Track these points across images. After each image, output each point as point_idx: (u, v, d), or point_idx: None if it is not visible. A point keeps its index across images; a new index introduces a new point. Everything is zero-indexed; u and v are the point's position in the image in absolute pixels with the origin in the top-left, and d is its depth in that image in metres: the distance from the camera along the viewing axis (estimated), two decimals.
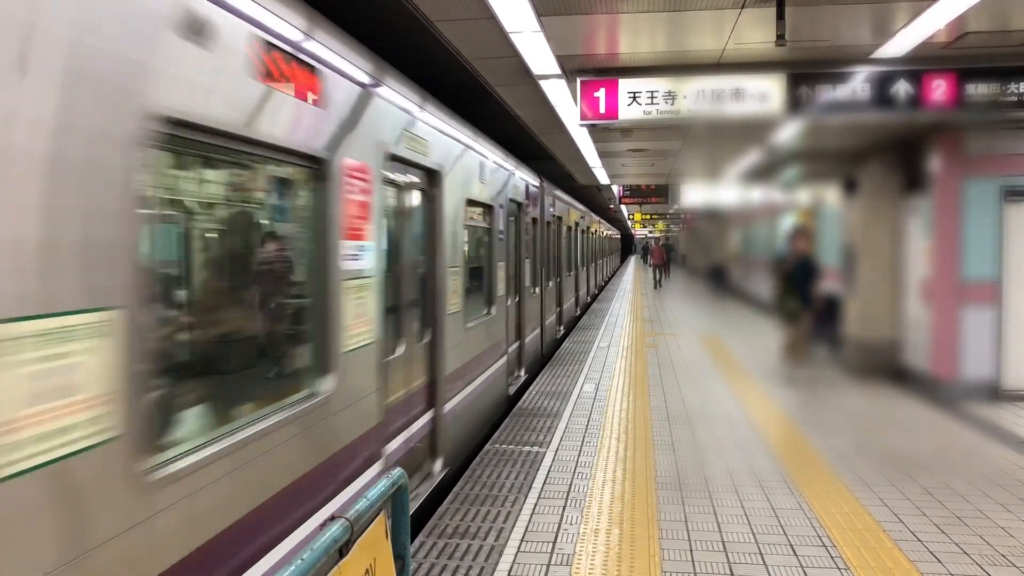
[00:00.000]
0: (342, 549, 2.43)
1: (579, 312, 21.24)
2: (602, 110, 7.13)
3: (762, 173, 15.49)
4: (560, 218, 16.45)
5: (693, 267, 40.45)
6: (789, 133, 10.35)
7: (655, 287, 30.10)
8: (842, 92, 6.87)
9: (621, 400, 9.10)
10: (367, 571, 2.63)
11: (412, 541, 4.78)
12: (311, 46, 3.96)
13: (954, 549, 4.84)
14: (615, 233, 38.24)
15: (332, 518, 2.47)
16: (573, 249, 19.57)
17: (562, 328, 16.56)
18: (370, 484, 4.20)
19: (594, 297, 27.22)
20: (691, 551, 4.80)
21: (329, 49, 4.22)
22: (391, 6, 5.85)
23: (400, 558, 3.04)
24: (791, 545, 4.88)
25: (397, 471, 3.05)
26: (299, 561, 2.20)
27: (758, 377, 10.64)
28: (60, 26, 2.28)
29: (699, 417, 8.27)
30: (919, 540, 4.98)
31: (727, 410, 8.62)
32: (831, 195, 13.70)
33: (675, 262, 41.87)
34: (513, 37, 6.23)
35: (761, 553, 4.77)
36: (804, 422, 8.04)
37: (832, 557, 4.70)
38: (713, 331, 16.09)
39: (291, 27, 3.74)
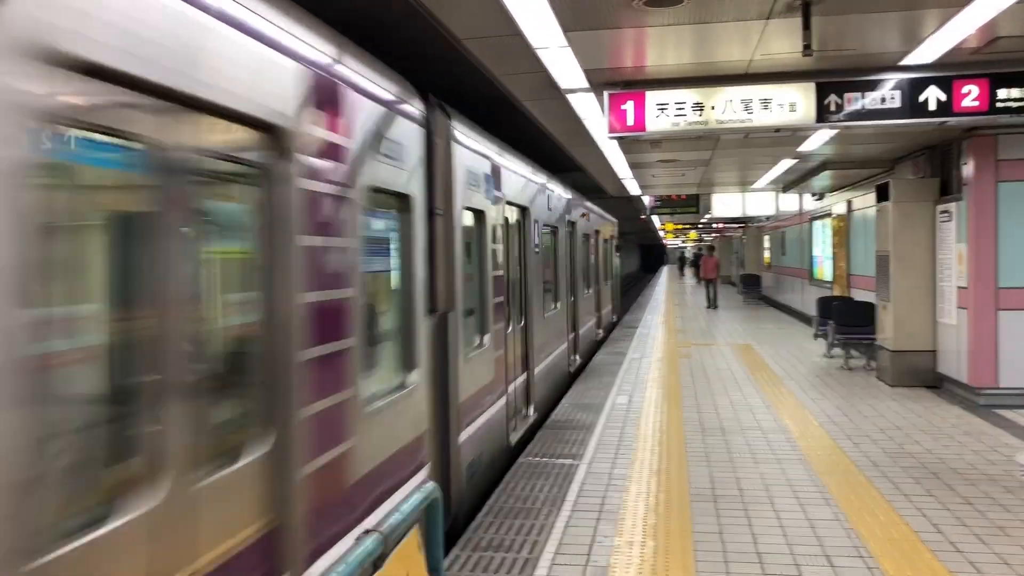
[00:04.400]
0: (376, 562, 2.47)
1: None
2: (630, 122, 7.16)
3: (793, 181, 15.39)
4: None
5: (725, 276, 40.12)
6: (819, 141, 10.29)
7: (708, 306, 24.93)
8: (871, 100, 6.83)
9: (654, 412, 9.08)
10: None
11: (446, 554, 4.82)
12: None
13: (995, 560, 4.76)
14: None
15: (367, 532, 2.52)
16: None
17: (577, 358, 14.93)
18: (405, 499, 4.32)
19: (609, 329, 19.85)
20: (726, 563, 4.77)
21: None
22: (421, 25, 5.93)
23: (434, 571, 3.08)
24: (827, 556, 4.84)
25: (430, 485, 3.09)
26: (333, 575, 2.24)
27: (792, 386, 10.55)
28: None
29: (733, 428, 8.22)
30: (959, 551, 4.90)
31: (761, 420, 8.56)
32: (862, 202, 13.56)
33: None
34: (540, 53, 6.28)
35: (797, 565, 4.73)
36: (840, 431, 7.96)
37: (870, 568, 4.65)
38: (746, 340, 15.97)
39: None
